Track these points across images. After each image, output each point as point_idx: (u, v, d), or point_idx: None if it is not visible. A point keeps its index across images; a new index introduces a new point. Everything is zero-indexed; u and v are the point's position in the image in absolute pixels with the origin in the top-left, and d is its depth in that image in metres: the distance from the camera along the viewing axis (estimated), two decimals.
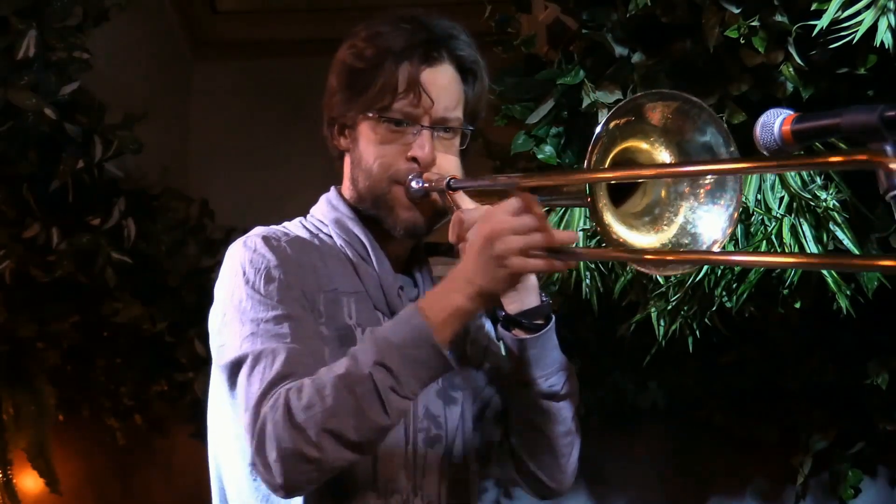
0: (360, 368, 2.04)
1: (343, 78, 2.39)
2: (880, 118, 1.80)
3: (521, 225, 2.01)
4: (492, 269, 2.02)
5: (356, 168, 2.39)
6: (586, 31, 3.57)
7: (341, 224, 2.40)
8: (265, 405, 2.08)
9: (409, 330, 2.06)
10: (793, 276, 3.53)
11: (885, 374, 4.18)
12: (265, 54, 6.01)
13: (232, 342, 2.22)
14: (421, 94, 2.33)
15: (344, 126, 2.41)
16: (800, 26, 3.30)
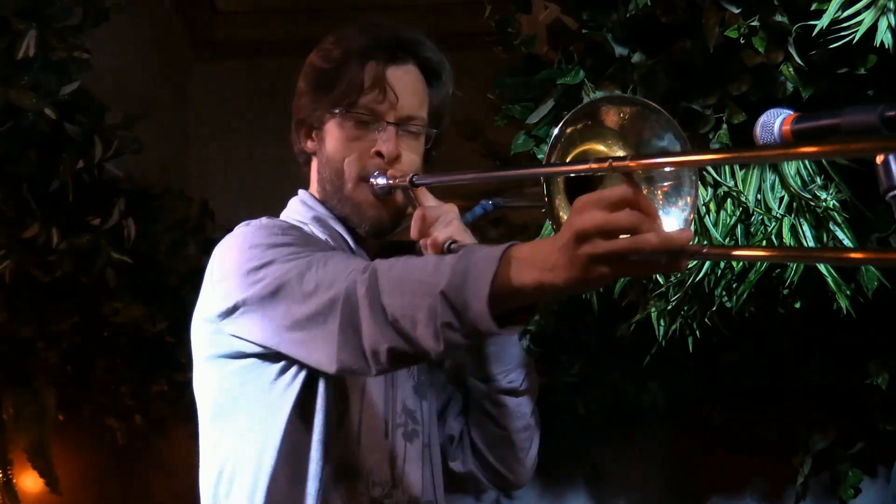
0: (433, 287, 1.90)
1: (310, 79, 2.44)
2: (880, 118, 1.80)
3: (615, 223, 1.70)
4: (579, 271, 1.73)
5: (324, 168, 2.43)
6: (586, 31, 3.57)
7: (322, 222, 2.43)
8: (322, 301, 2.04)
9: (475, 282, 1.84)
10: (793, 276, 3.53)
11: (886, 374, 4.18)
12: (265, 54, 6.02)
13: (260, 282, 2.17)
14: (386, 90, 2.37)
15: (311, 127, 2.45)
16: (800, 26, 3.30)
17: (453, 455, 2.60)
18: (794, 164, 3.52)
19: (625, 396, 4.63)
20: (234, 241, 2.28)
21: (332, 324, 2.01)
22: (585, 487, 4.84)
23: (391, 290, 1.94)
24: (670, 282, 3.61)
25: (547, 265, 1.76)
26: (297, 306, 2.09)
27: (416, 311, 1.90)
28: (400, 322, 1.92)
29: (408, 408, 2.45)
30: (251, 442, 2.29)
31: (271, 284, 2.14)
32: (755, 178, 3.55)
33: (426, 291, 1.89)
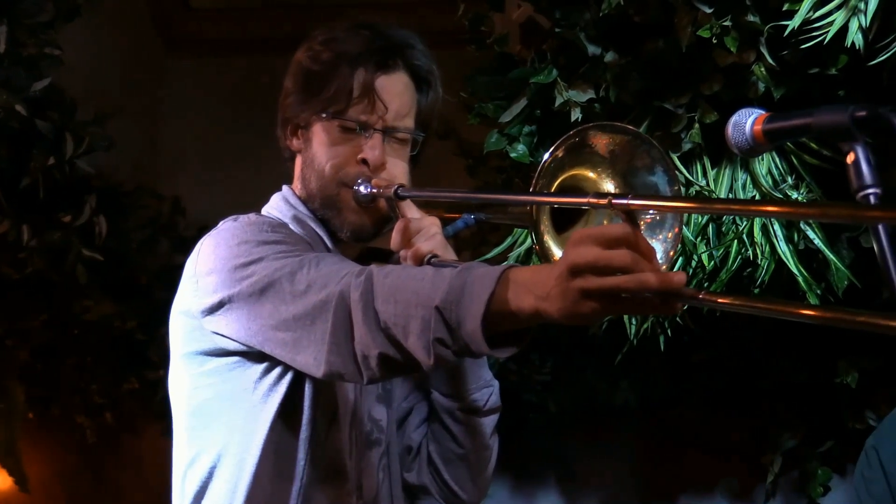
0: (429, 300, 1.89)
1: (298, 79, 2.41)
2: (851, 118, 1.80)
3: (609, 261, 1.67)
4: (571, 303, 1.70)
5: (308, 168, 2.41)
6: (559, 29, 3.57)
7: (301, 221, 2.41)
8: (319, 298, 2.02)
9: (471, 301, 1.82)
10: (764, 276, 3.55)
11: (855, 374, 4.20)
12: (239, 52, 6.00)
13: (247, 279, 2.15)
14: (375, 100, 2.36)
15: (297, 127, 2.43)
16: (772, 26, 3.32)
17: (409, 466, 2.59)
18: (766, 163, 3.54)
19: (596, 395, 4.64)
20: (222, 235, 2.25)
21: (323, 325, 1.99)
22: (557, 485, 4.85)
23: (386, 296, 1.92)
24: None
25: (542, 293, 1.74)
26: (286, 306, 2.07)
27: (408, 321, 1.88)
28: (392, 329, 1.91)
29: (373, 416, 2.44)
30: (232, 440, 2.27)
31: (260, 282, 2.12)
32: (727, 177, 3.56)
33: (421, 303, 1.87)
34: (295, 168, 2.47)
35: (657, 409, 4.71)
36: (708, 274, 3.60)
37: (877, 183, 1.79)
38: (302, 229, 2.38)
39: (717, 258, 3.57)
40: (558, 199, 1.91)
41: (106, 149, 4.66)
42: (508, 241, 3.84)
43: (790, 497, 4.69)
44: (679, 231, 1.96)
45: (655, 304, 1.70)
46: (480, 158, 4.15)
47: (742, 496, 4.75)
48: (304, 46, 2.43)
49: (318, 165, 2.38)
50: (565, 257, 1.71)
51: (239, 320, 2.17)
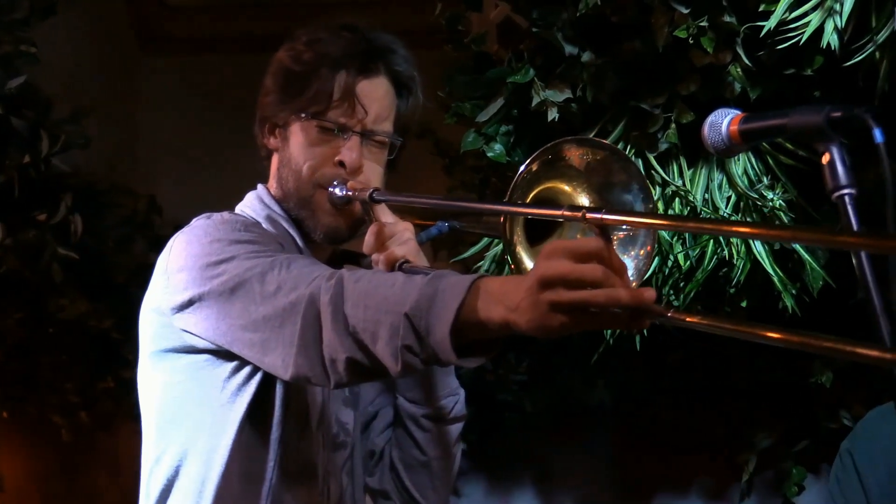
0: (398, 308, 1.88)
1: (279, 79, 2.41)
2: (826, 119, 1.81)
3: (580, 275, 1.68)
4: (540, 315, 1.70)
5: (284, 168, 2.41)
6: (536, 29, 3.57)
7: (275, 222, 2.41)
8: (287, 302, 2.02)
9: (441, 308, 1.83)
10: (739, 275, 3.56)
11: (830, 373, 4.22)
12: (215, 50, 5.98)
13: (218, 278, 2.14)
14: (355, 104, 2.36)
15: (275, 126, 2.43)
16: (748, 27, 3.33)
17: (371, 470, 2.58)
18: (742, 163, 3.55)
19: (572, 395, 4.65)
20: (194, 233, 2.24)
21: (292, 328, 1.99)
22: (532, 485, 4.85)
23: (355, 301, 1.92)
24: None
25: (512, 304, 1.74)
26: (256, 306, 2.06)
27: (377, 327, 1.88)
28: (360, 334, 1.90)
29: (340, 420, 2.44)
30: (200, 439, 2.26)
31: (230, 281, 2.11)
32: (703, 177, 3.57)
33: (390, 309, 1.87)
34: (271, 167, 2.47)
35: (633, 408, 4.72)
36: (684, 274, 3.61)
37: (852, 183, 1.80)
38: (275, 229, 2.38)
39: (693, 258, 3.58)
40: (532, 210, 1.91)
41: (82, 147, 4.65)
42: (485, 242, 3.84)
43: (765, 496, 4.70)
44: (652, 249, 1.98)
45: (625, 320, 1.70)
46: (457, 158, 4.15)
47: (717, 495, 4.76)
48: (286, 46, 2.43)
49: (294, 165, 2.39)
50: (536, 269, 1.71)
51: (208, 319, 2.16)
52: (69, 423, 5.35)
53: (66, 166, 4.64)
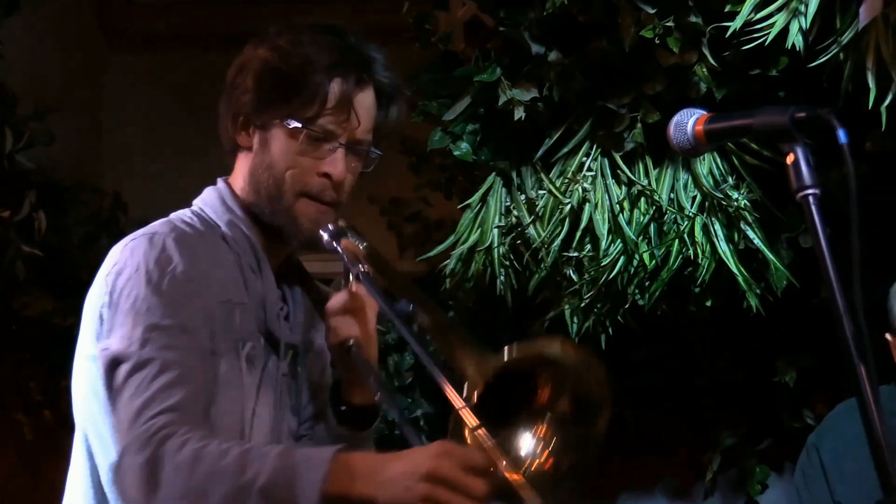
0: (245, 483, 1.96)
1: (263, 78, 2.32)
2: (791, 119, 1.83)
3: (465, 486, 1.86)
4: (406, 498, 1.88)
5: (262, 171, 2.34)
6: (503, 28, 3.58)
7: (236, 228, 2.34)
8: (139, 426, 2.02)
9: (305, 480, 1.96)
10: (704, 275, 3.58)
11: (793, 372, 4.24)
12: (181, 47, 5.96)
13: (119, 341, 2.12)
14: (350, 114, 2.31)
15: (252, 124, 2.35)
16: (713, 27, 3.34)
17: None
18: (707, 163, 3.57)
19: None
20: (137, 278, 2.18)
21: (133, 460, 2.01)
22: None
23: (189, 476, 1.96)
24: (584, 279, 3.64)
25: (381, 479, 1.90)
26: (118, 413, 2.08)
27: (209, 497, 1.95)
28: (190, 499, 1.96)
29: (290, 428, 2.41)
30: None
31: (111, 354, 2.12)
32: (668, 176, 3.59)
33: (234, 491, 1.93)
34: (239, 163, 2.41)
35: None
36: (649, 273, 3.62)
37: (816, 184, 1.81)
38: (234, 235, 2.32)
39: (659, 257, 3.59)
40: (448, 386, 1.98)
41: (46, 144, 4.62)
42: (450, 240, 3.85)
43: (728, 494, 4.72)
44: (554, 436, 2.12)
45: None
46: (424, 156, 4.16)
47: (681, 494, 4.77)
48: (267, 45, 2.35)
49: (276, 172, 2.32)
50: (424, 461, 1.88)
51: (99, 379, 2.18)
52: (32, 421, 5.32)
53: (30, 163, 4.61)
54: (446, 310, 4.60)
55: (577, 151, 3.64)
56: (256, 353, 2.26)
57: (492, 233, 3.72)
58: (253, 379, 2.25)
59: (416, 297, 2.19)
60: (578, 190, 3.59)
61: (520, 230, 3.68)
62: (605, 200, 3.59)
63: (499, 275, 3.75)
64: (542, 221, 3.64)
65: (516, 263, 3.75)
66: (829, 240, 1.78)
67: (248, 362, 2.24)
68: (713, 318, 4.13)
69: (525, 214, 3.67)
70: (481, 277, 3.79)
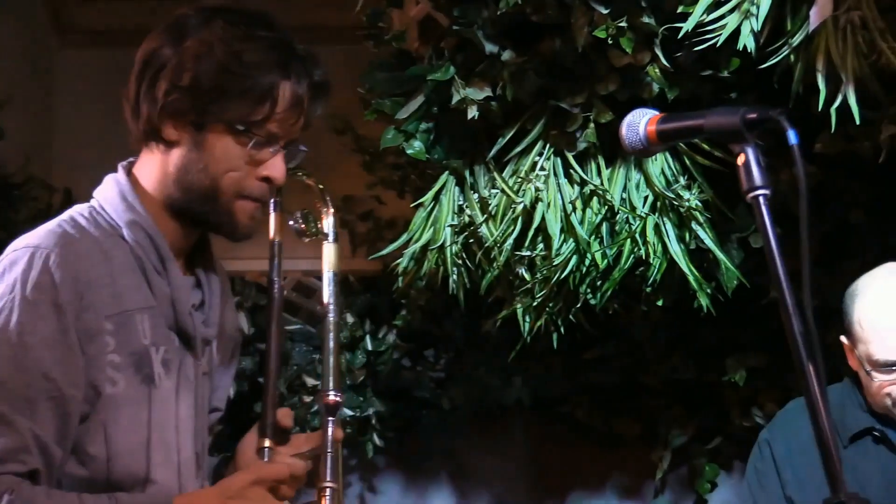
0: None
1: (207, 75, 2.19)
2: (742, 120, 1.84)
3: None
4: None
5: (197, 172, 2.22)
6: (457, 27, 3.58)
7: (137, 228, 2.23)
8: None
9: None
10: (656, 275, 3.59)
11: (743, 371, 4.27)
12: (134, 42, 5.91)
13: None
14: (299, 117, 2.23)
15: (184, 119, 2.22)
16: (666, 28, 3.36)
17: None
18: (659, 163, 3.58)
19: (490, 392, 4.66)
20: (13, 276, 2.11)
21: None
22: (449, 482, 4.86)
23: None
24: (536, 278, 3.65)
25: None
26: None
27: None
28: None
29: (205, 434, 2.38)
30: None
31: None
32: (621, 176, 3.60)
33: None
34: (156, 155, 2.28)
35: (549, 405, 4.74)
36: (601, 273, 3.63)
37: (766, 184, 1.82)
38: (135, 236, 2.21)
39: (611, 257, 3.61)
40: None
41: None
42: (404, 238, 3.85)
43: (678, 492, 4.75)
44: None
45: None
46: (377, 154, 4.15)
47: (631, 492, 4.79)
48: (200, 36, 2.22)
49: (214, 174, 2.21)
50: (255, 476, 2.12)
51: None
52: None
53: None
54: (399, 308, 4.61)
55: (530, 151, 3.64)
56: (170, 356, 2.21)
57: (444, 231, 3.72)
58: (171, 383, 2.20)
59: None
60: (531, 189, 3.60)
61: (472, 229, 3.69)
62: (557, 200, 3.60)
63: (451, 274, 3.75)
64: (494, 220, 3.65)
65: (469, 262, 3.75)
66: (778, 240, 1.79)
67: (164, 366, 2.19)
68: (664, 318, 4.15)
69: (478, 213, 3.68)
70: (434, 276, 3.79)
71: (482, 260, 3.71)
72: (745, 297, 3.77)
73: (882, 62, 3.21)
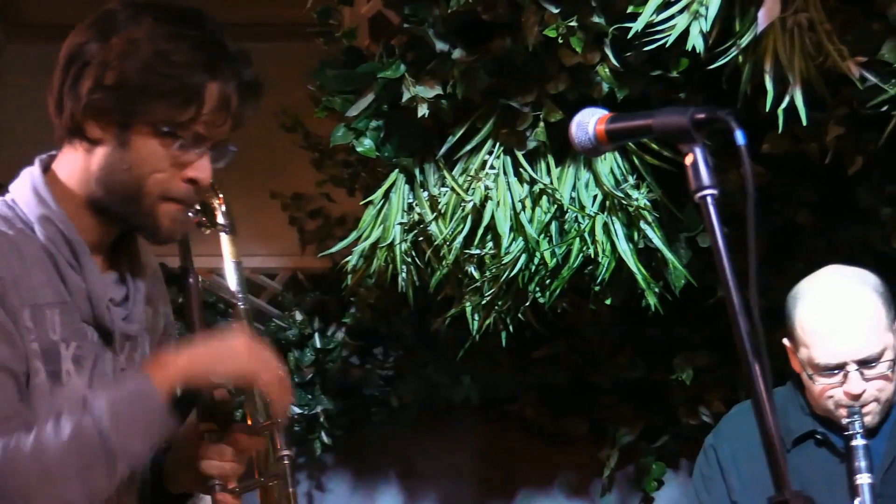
0: (89, 433, 2.00)
1: (133, 74, 2.13)
2: (690, 120, 1.85)
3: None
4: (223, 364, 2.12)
5: (121, 172, 2.17)
6: (408, 25, 3.58)
7: (51, 224, 2.18)
8: None
9: (138, 396, 2.06)
10: (604, 274, 3.60)
11: (690, 370, 4.29)
12: None
13: None
14: (227, 118, 2.17)
15: (107, 117, 2.16)
16: (616, 28, 3.37)
17: None
18: (608, 162, 3.60)
19: (438, 390, 4.66)
20: None
21: None
22: (398, 480, 4.85)
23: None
24: (485, 277, 3.65)
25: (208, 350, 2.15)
26: None
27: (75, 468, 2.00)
28: None
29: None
30: None
31: None
32: (570, 175, 3.61)
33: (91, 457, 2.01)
34: (78, 153, 2.23)
35: (498, 403, 4.75)
36: (550, 271, 3.64)
37: (714, 184, 1.83)
38: (47, 232, 2.16)
39: (560, 256, 3.62)
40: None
41: None
42: (353, 236, 3.84)
43: (625, 491, 4.76)
44: None
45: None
46: (327, 152, 4.14)
47: (579, 490, 4.81)
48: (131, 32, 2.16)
49: (138, 175, 2.16)
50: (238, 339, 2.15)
51: None
52: None
53: None
54: (348, 306, 4.60)
55: (480, 149, 3.65)
56: (84, 352, 2.16)
57: (394, 229, 3.72)
58: (83, 381, 2.15)
59: None
60: (481, 188, 3.60)
61: (422, 227, 3.69)
62: (507, 198, 3.60)
63: (400, 271, 3.74)
64: (444, 218, 3.65)
65: (418, 260, 3.75)
66: (726, 239, 1.80)
67: (76, 363, 2.14)
68: (612, 317, 4.16)
69: (427, 211, 3.68)
70: (383, 274, 3.79)
71: (431, 258, 3.71)
72: (692, 297, 3.79)
73: (829, 64, 3.24)
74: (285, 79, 4.09)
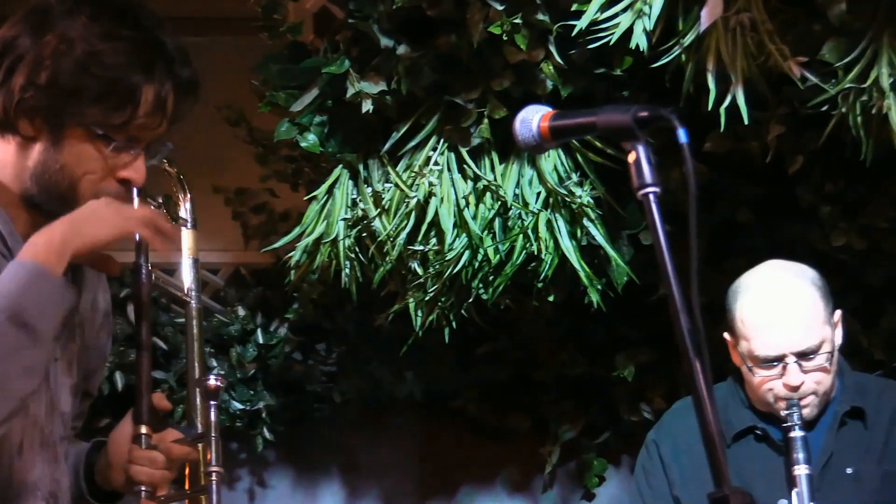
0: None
1: (66, 74, 2.09)
2: (633, 118, 1.86)
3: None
4: (98, 228, 2.06)
5: (55, 172, 2.14)
6: (353, 20, 3.57)
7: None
8: None
9: (24, 275, 2.01)
10: (547, 270, 3.62)
11: (632, 367, 4.31)
12: None
13: None
14: (162, 119, 2.15)
15: (39, 116, 2.12)
16: (560, 26, 3.38)
17: None
18: (552, 159, 3.61)
19: (381, 386, 4.65)
20: None
21: None
22: (340, 476, 4.84)
23: None
24: (429, 273, 3.65)
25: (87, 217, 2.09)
26: None
27: None
28: None
29: (62, 411, 2.27)
30: None
31: None
32: (514, 172, 3.62)
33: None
34: (12, 149, 2.18)
35: (441, 399, 4.74)
36: (493, 268, 3.65)
37: (656, 182, 1.84)
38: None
39: (503, 252, 3.62)
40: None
41: None
42: (297, 231, 3.83)
43: (567, 487, 4.78)
44: None
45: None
46: (270, 147, 4.12)
47: (521, 487, 4.81)
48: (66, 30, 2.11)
49: (70, 175, 2.14)
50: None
51: None
52: None
53: None
54: (291, 302, 4.58)
55: (424, 145, 3.65)
56: None
57: (337, 225, 3.71)
58: None
59: None
60: (425, 184, 3.61)
61: (366, 223, 3.68)
62: (450, 195, 3.61)
63: (344, 267, 3.74)
64: (387, 214, 3.65)
65: (362, 256, 3.75)
66: (668, 237, 1.81)
67: None
68: (555, 313, 4.18)
69: (371, 207, 3.67)
70: (326, 270, 3.78)
71: (375, 254, 3.71)
72: (634, 294, 3.81)
73: (770, 63, 3.27)
74: (229, 73, 4.07)
